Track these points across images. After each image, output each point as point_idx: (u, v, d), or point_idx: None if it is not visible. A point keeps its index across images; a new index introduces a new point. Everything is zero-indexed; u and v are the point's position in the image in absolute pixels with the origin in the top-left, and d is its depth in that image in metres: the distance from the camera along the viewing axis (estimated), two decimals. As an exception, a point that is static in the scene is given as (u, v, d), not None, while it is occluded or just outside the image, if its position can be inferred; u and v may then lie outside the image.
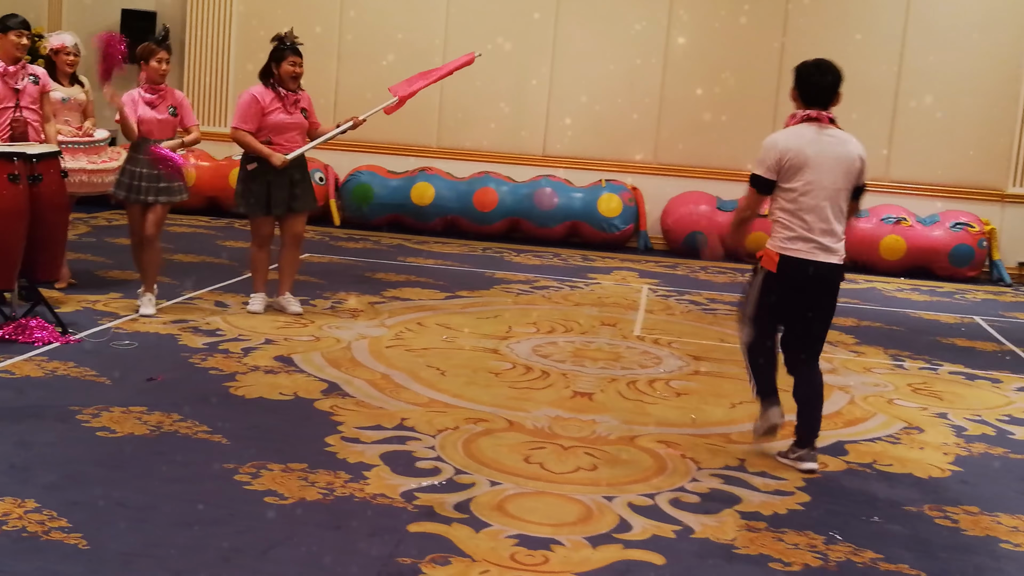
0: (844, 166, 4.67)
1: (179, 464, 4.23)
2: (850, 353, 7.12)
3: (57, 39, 7.42)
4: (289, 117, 6.81)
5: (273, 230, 6.99)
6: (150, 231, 6.69)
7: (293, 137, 6.85)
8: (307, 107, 6.95)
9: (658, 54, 11.58)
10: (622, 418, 5.28)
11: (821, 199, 4.62)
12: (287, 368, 5.73)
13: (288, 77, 6.79)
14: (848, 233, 4.78)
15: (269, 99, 6.78)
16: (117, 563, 3.32)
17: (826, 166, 4.63)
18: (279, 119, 6.78)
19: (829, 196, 4.63)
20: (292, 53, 6.79)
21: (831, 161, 4.65)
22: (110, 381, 5.25)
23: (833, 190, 4.64)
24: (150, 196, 6.61)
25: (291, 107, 6.82)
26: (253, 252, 7.05)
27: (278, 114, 6.78)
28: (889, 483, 4.63)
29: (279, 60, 6.79)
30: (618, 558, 3.63)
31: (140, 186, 6.60)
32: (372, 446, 4.59)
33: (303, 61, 6.86)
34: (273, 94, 6.79)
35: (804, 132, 4.69)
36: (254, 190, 6.80)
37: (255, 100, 6.77)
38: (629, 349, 6.81)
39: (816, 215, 4.62)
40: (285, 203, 6.84)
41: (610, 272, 9.85)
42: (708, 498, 4.28)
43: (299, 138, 6.90)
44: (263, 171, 6.75)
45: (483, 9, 11.79)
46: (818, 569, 3.68)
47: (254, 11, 11.64)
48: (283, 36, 6.84)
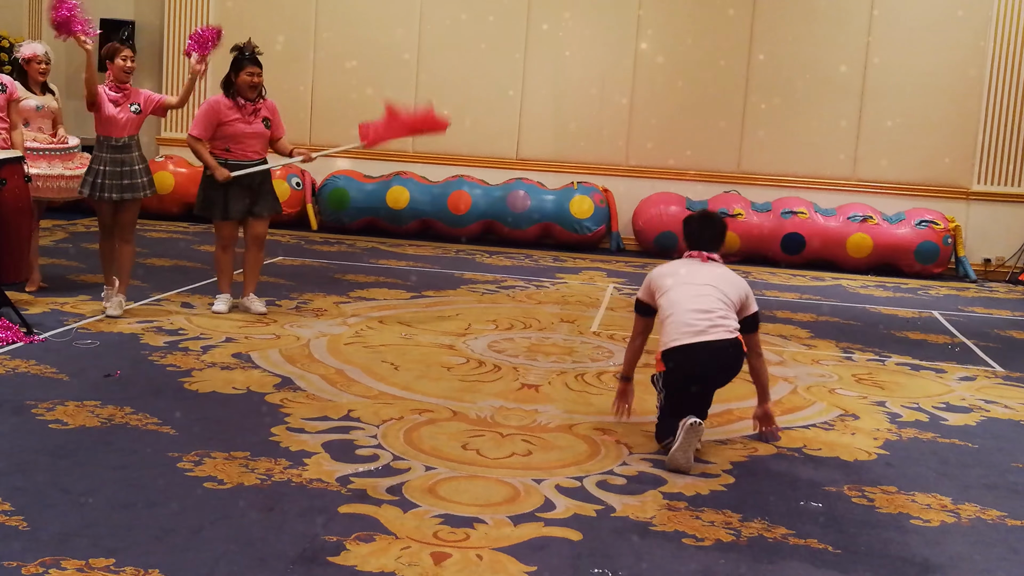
0: (718, 278, 5.02)
1: (125, 453, 4.40)
2: (801, 346, 7.30)
3: (28, 48, 7.60)
4: (248, 127, 6.98)
5: (235, 232, 7.16)
6: (125, 232, 6.88)
7: (251, 146, 7.01)
8: (270, 116, 7.11)
9: (628, 57, 11.79)
10: (564, 408, 5.46)
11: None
12: (243, 364, 5.91)
13: (246, 87, 6.96)
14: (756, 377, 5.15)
15: (226, 108, 6.95)
16: (54, 542, 3.50)
17: (697, 277, 5.02)
18: (236, 128, 6.95)
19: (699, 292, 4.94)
20: (250, 63, 6.96)
21: (702, 274, 5.04)
22: (68, 377, 5.43)
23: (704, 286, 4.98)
24: (115, 193, 6.80)
25: (249, 116, 6.99)
26: (217, 254, 7.23)
27: (236, 124, 6.95)
28: (814, 466, 4.80)
29: (237, 70, 6.97)
30: (537, 535, 3.80)
31: (104, 183, 6.79)
32: (316, 435, 4.77)
33: (262, 71, 7.02)
34: (232, 103, 6.97)
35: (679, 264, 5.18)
36: (212, 195, 6.99)
37: (211, 109, 6.95)
38: (583, 344, 6.98)
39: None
40: (243, 208, 7.01)
41: (579, 272, 10.03)
42: (635, 480, 4.46)
43: (258, 147, 7.06)
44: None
45: (455, 16, 11.99)
46: (729, 544, 3.85)
47: (231, 20, 11.82)
48: (242, 46, 7.01)
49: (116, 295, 6.93)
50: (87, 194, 6.84)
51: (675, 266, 5.16)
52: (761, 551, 3.81)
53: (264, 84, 7.08)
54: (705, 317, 4.84)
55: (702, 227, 5.23)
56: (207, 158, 6.93)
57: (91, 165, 6.87)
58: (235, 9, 12.10)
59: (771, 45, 11.61)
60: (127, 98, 6.86)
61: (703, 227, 5.23)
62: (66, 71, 12.08)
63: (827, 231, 11.02)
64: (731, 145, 11.72)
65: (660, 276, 5.11)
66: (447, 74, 12.01)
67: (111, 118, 6.78)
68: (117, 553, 3.43)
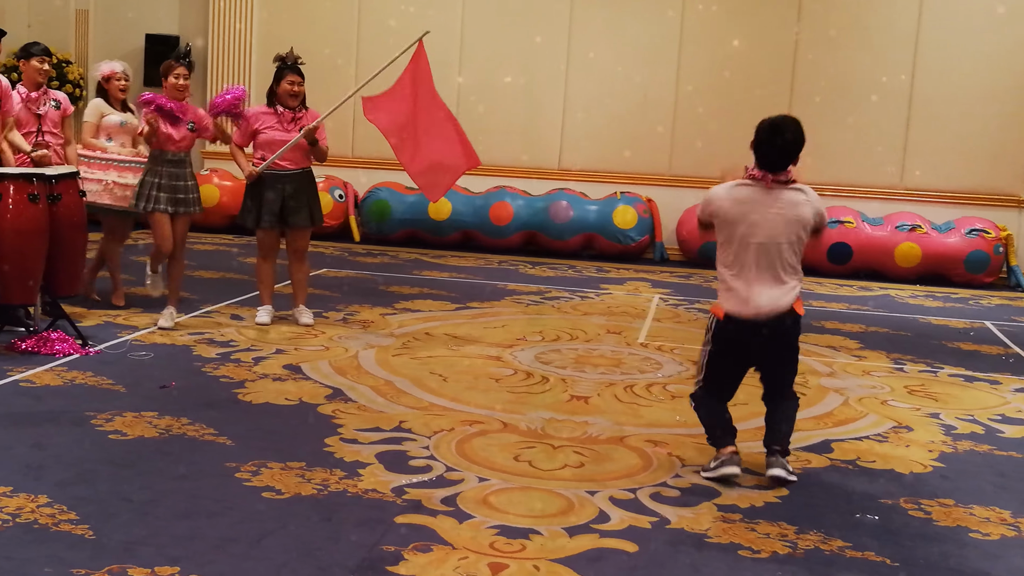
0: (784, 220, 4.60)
1: (184, 463, 4.46)
2: (852, 357, 7.25)
3: (107, 66, 7.77)
4: (285, 135, 7.05)
5: (275, 243, 7.25)
6: (177, 247, 7.01)
7: (289, 154, 7.05)
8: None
9: (671, 65, 11.78)
10: (615, 420, 5.46)
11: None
12: (295, 376, 5.96)
13: (286, 95, 7.05)
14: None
15: (264, 116, 7.06)
16: (119, 550, 3.55)
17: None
18: (272, 136, 7.04)
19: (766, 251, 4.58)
20: (290, 72, 7.06)
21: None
22: (125, 389, 5.51)
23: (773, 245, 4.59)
24: (169, 206, 6.93)
25: (288, 124, 7.07)
26: (258, 264, 7.33)
27: (272, 132, 7.04)
28: (869, 478, 4.77)
29: (278, 79, 7.08)
30: (592, 546, 3.81)
31: (160, 196, 6.92)
32: (369, 446, 4.80)
33: (303, 80, 7.11)
34: (271, 112, 7.06)
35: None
36: (248, 203, 7.11)
37: (252, 116, 7.10)
38: (631, 355, 6.98)
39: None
40: (275, 216, 7.07)
41: (623, 283, 10.03)
42: (688, 492, 4.45)
43: (296, 156, 7.10)
44: (258, 185, 7.04)
45: (497, 26, 12.05)
46: (785, 556, 3.84)
47: (274, 34, 11.99)
48: (284, 56, 7.11)
49: (168, 307, 7.04)
50: (142, 208, 6.96)
51: (739, 193, 4.65)
52: (818, 563, 3.79)
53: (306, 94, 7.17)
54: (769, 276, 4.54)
55: (776, 132, 4.67)
56: (237, 159, 7.12)
57: (144, 178, 6.99)
58: (276, 23, 12.24)
59: (816, 52, 11.56)
60: (184, 116, 6.98)
61: (778, 132, 4.67)
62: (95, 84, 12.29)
63: (874, 241, 10.94)
64: (776, 155, 11.64)
65: (723, 205, 4.64)
66: (489, 84, 12.07)
67: (168, 136, 6.90)
68: (181, 561, 3.48)
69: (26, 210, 6.04)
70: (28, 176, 6.12)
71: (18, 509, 3.85)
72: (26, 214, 6.04)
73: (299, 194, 7.14)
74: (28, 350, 6.06)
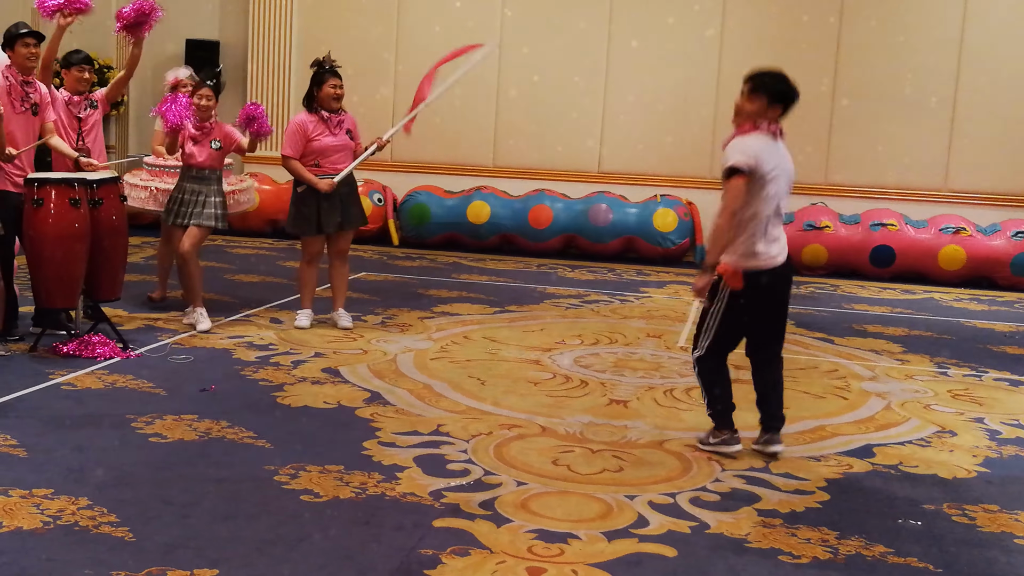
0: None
1: (223, 466, 4.49)
2: (894, 361, 7.15)
3: (172, 74, 7.92)
4: (335, 139, 7.08)
5: (323, 248, 7.27)
6: (186, 249, 7.03)
7: (340, 159, 7.11)
8: (352, 129, 7.22)
9: (711, 66, 11.71)
10: (654, 424, 5.43)
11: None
12: (333, 379, 5.98)
13: (330, 99, 7.06)
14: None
15: (313, 124, 7.07)
16: (159, 553, 3.58)
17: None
18: (325, 143, 7.06)
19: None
20: (332, 75, 7.07)
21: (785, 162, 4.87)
22: (165, 392, 5.56)
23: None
24: (187, 220, 7.06)
25: (335, 129, 7.10)
26: (302, 269, 7.35)
27: (323, 138, 7.06)
28: (911, 483, 4.70)
29: (320, 83, 7.07)
30: (631, 551, 3.78)
31: (181, 211, 7.07)
32: (407, 450, 4.80)
33: (343, 83, 7.14)
34: (317, 118, 7.08)
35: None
36: (304, 211, 7.10)
37: (299, 127, 7.06)
38: (671, 359, 6.94)
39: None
40: (336, 221, 7.12)
41: (663, 286, 9.97)
42: (728, 497, 4.41)
43: (346, 159, 7.15)
44: (313, 192, 7.03)
45: (537, 30, 12.05)
46: (827, 562, 3.79)
47: (314, 38, 12.04)
48: (322, 60, 7.14)
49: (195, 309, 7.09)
50: (169, 221, 7.11)
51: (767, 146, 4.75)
52: (859, 569, 3.74)
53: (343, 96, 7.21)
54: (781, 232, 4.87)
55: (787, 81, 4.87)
56: (305, 173, 7.03)
57: (173, 193, 7.11)
58: (317, 26, 12.31)
59: (859, 53, 11.44)
60: (207, 135, 7.05)
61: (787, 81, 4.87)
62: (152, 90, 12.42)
63: (918, 243, 10.79)
64: (818, 156, 11.55)
65: (763, 158, 4.71)
66: (528, 87, 12.07)
67: (191, 155, 7.01)
68: (220, 564, 3.50)
69: (68, 215, 6.11)
70: (70, 181, 6.19)
71: (59, 511, 3.89)
72: (68, 219, 6.11)
73: (351, 196, 7.23)
74: (70, 353, 6.12)
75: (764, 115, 4.75)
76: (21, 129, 6.40)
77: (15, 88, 6.34)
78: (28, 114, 6.42)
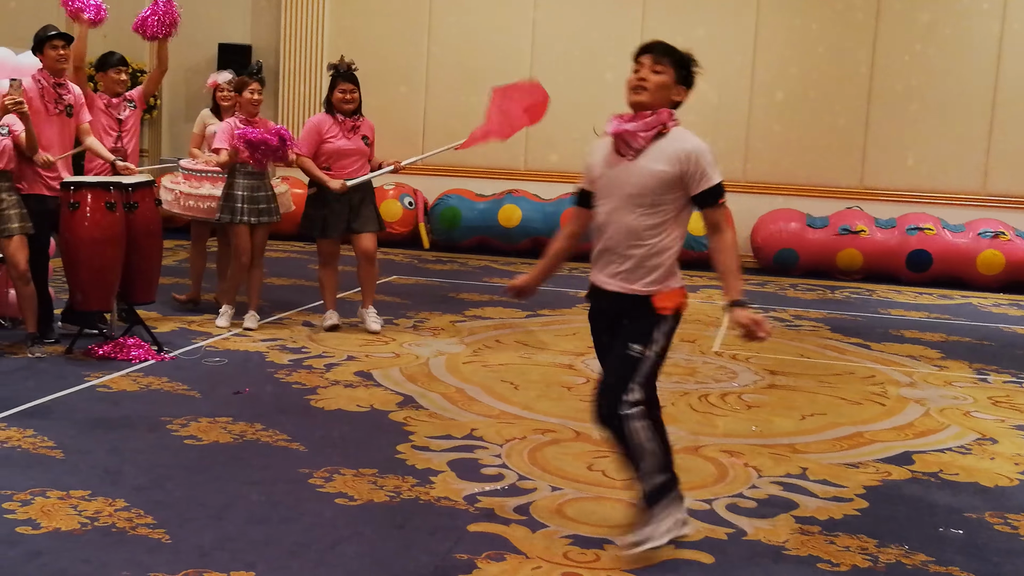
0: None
1: (258, 468, 4.49)
2: (933, 367, 7.06)
3: (212, 77, 7.98)
4: (349, 143, 7.11)
5: (336, 250, 7.30)
6: (256, 255, 7.16)
7: (352, 163, 7.13)
8: (368, 135, 7.24)
9: (745, 68, 11.64)
10: (689, 429, 5.38)
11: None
12: (366, 383, 5.98)
13: (340, 103, 7.09)
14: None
15: (328, 126, 7.10)
16: (195, 554, 3.58)
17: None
18: (338, 145, 7.08)
19: None
20: (343, 80, 7.10)
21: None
22: (199, 394, 5.57)
23: None
24: (252, 217, 7.07)
25: (349, 133, 7.11)
26: (319, 272, 7.40)
27: (337, 140, 7.08)
28: (952, 491, 4.63)
29: (332, 87, 7.13)
30: (668, 557, 3.74)
31: (244, 208, 7.07)
32: (440, 454, 4.79)
33: (355, 88, 7.14)
34: (333, 120, 7.11)
35: None
36: (312, 214, 7.15)
37: (313, 127, 7.13)
38: (705, 364, 6.88)
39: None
40: (341, 227, 7.13)
41: (696, 290, 9.90)
42: (765, 504, 4.36)
43: (360, 164, 7.17)
44: (322, 195, 7.08)
45: (569, 30, 12.01)
46: (866, 570, 3.73)
47: (346, 41, 12.08)
48: (337, 64, 7.17)
49: (249, 311, 7.19)
50: (228, 220, 7.09)
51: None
52: (901, 579, 3.69)
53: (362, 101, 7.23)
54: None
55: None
56: (317, 173, 7.06)
57: (227, 191, 7.11)
58: (348, 29, 12.34)
59: (895, 54, 11.33)
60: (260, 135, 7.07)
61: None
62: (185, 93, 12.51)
63: (956, 248, 10.67)
64: (853, 159, 11.45)
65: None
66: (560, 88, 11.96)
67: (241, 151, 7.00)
68: (256, 567, 3.49)
69: (103, 218, 6.15)
70: (105, 185, 6.23)
71: (97, 512, 3.90)
72: (103, 222, 6.14)
73: (367, 201, 7.24)
74: (105, 356, 6.16)
75: (675, 99, 3.74)
76: (56, 131, 6.46)
77: (47, 91, 6.40)
78: (63, 116, 6.49)
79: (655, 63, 3.67)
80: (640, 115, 3.66)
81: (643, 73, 3.66)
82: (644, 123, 3.66)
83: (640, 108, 3.65)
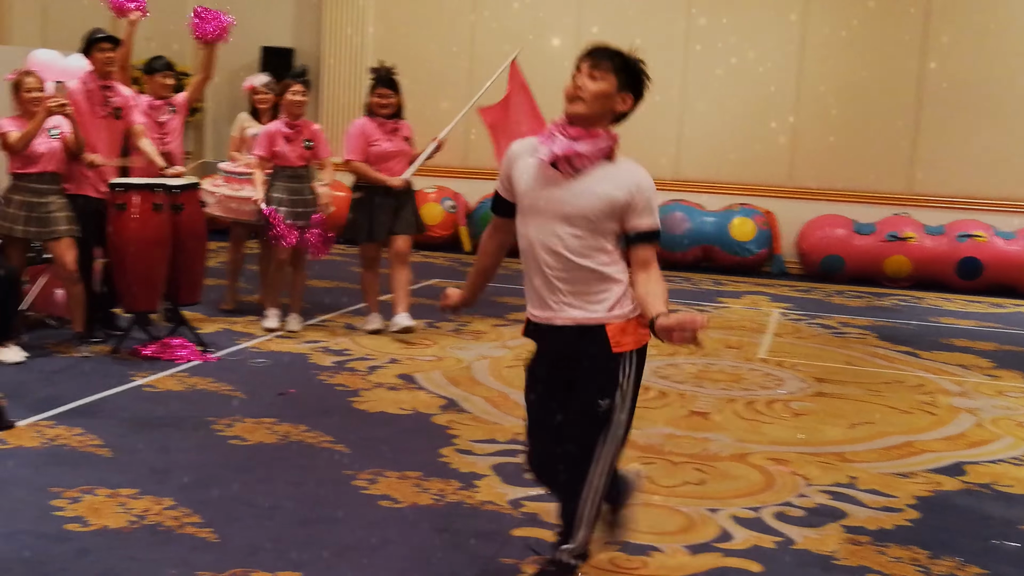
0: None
1: (303, 469, 4.49)
2: (984, 377, 6.94)
3: (249, 80, 8.02)
4: (391, 146, 7.17)
5: (378, 254, 7.33)
6: (299, 257, 7.22)
7: (396, 164, 7.19)
8: (409, 136, 7.30)
9: (791, 72, 11.52)
10: (736, 436, 5.32)
11: None
12: (409, 385, 5.97)
13: (376, 107, 7.15)
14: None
15: (372, 129, 7.15)
16: (242, 554, 3.58)
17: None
18: (382, 148, 7.14)
19: None
20: (381, 85, 7.15)
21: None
22: (244, 395, 5.59)
23: None
24: (289, 220, 7.07)
25: (391, 135, 7.17)
26: (363, 275, 7.43)
27: (381, 143, 7.14)
28: (1006, 503, 4.54)
29: (371, 92, 7.19)
30: (716, 565, 3.70)
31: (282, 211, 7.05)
32: (484, 458, 4.76)
33: (393, 92, 7.18)
34: (375, 124, 7.15)
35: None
36: (358, 219, 7.18)
37: (360, 131, 7.16)
38: (751, 371, 6.81)
39: None
40: (386, 228, 7.17)
41: (741, 296, 9.82)
42: (814, 512, 4.29)
43: (403, 165, 7.24)
44: (368, 200, 7.13)
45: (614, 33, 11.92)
46: (920, 582, 3.67)
47: (388, 45, 12.09)
48: (376, 68, 7.23)
49: (292, 313, 7.23)
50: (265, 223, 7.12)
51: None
52: (955, 591, 3.61)
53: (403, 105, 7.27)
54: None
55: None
56: (374, 174, 7.11)
57: (269, 193, 7.13)
58: (391, 33, 12.37)
59: (945, 57, 11.16)
60: (299, 133, 7.10)
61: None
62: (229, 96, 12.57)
63: (1007, 255, 10.48)
64: (902, 164, 11.30)
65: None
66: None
67: (283, 155, 7.04)
68: (303, 567, 3.49)
69: (150, 220, 6.19)
70: (152, 187, 6.28)
71: (144, 511, 3.92)
72: (150, 224, 6.19)
73: (407, 203, 7.28)
74: (151, 356, 6.20)
75: (618, 109, 3.34)
76: (104, 134, 6.52)
77: (95, 93, 6.47)
78: (110, 118, 6.54)
79: (592, 69, 3.24)
80: (591, 133, 3.20)
81: (579, 81, 3.21)
82: (598, 149, 3.21)
83: (577, 119, 3.19)
